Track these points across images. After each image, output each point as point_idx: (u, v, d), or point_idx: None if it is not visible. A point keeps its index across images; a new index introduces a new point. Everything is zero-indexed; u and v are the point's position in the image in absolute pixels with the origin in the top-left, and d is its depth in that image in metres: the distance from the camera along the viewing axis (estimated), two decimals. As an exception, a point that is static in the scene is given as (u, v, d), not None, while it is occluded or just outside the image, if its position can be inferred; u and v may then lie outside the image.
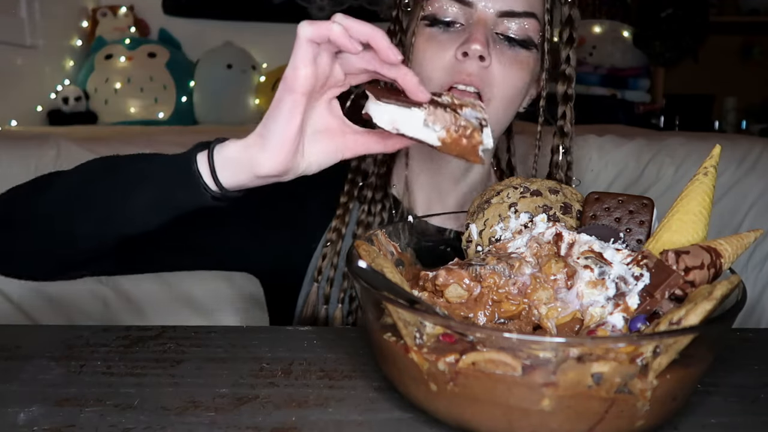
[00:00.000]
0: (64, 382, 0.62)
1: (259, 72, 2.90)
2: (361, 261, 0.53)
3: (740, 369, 0.64)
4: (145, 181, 0.69)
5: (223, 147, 0.66)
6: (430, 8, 0.87)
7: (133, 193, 0.69)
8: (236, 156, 0.65)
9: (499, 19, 0.85)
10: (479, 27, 0.83)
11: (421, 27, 0.87)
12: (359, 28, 0.61)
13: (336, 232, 0.94)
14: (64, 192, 0.73)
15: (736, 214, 1.49)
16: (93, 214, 0.70)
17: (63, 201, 0.73)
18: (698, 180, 0.63)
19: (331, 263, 0.93)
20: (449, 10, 0.85)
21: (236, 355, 0.67)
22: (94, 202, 0.70)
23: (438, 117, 0.62)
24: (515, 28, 0.85)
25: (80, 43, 2.96)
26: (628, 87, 2.93)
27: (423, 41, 0.87)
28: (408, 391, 0.55)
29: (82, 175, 0.74)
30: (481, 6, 0.84)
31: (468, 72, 0.83)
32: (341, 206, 0.95)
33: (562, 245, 0.62)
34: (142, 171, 0.70)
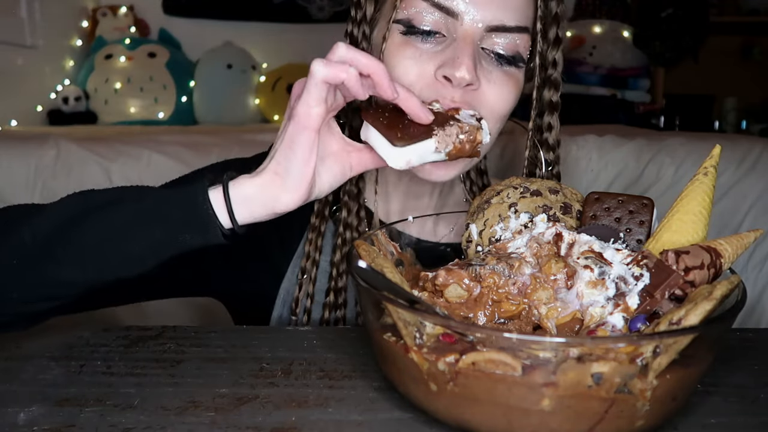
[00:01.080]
0: (64, 382, 0.62)
1: (259, 72, 2.90)
2: (361, 261, 0.53)
3: (740, 369, 0.64)
4: (144, 222, 0.63)
5: (238, 185, 0.63)
6: (405, 11, 0.74)
7: (129, 236, 0.63)
8: (254, 194, 0.63)
9: (487, 33, 0.73)
10: (465, 46, 0.72)
11: (394, 31, 0.75)
12: (365, 63, 0.61)
13: (310, 260, 0.86)
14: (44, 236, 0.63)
15: (736, 214, 1.49)
16: (80, 260, 0.63)
17: (42, 246, 0.63)
18: (698, 180, 0.63)
19: (307, 293, 0.86)
20: (429, 17, 0.73)
21: (236, 355, 0.67)
22: (82, 246, 0.63)
23: (446, 138, 0.64)
24: (505, 44, 0.74)
25: (80, 43, 2.96)
26: (628, 87, 2.92)
27: (396, 47, 0.75)
28: (408, 391, 0.55)
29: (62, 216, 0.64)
30: (468, 19, 0.72)
31: (451, 97, 0.73)
32: (313, 229, 0.87)
33: (562, 245, 0.62)
34: (139, 211, 0.63)
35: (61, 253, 0.63)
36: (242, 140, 1.66)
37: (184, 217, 0.63)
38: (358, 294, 0.82)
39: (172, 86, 2.75)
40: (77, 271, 0.64)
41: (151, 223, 0.63)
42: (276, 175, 0.63)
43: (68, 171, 1.47)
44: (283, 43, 3.02)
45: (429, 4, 0.73)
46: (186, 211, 0.63)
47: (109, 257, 0.64)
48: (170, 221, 0.63)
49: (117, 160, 1.49)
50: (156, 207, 0.63)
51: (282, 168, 0.63)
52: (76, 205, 0.65)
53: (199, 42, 2.94)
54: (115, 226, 0.63)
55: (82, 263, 0.64)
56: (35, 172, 1.46)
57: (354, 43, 0.83)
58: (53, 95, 2.72)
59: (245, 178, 0.64)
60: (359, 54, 0.61)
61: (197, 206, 0.62)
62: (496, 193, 0.72)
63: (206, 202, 0.62)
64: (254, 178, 0.64)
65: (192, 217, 0.63)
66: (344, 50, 0.61)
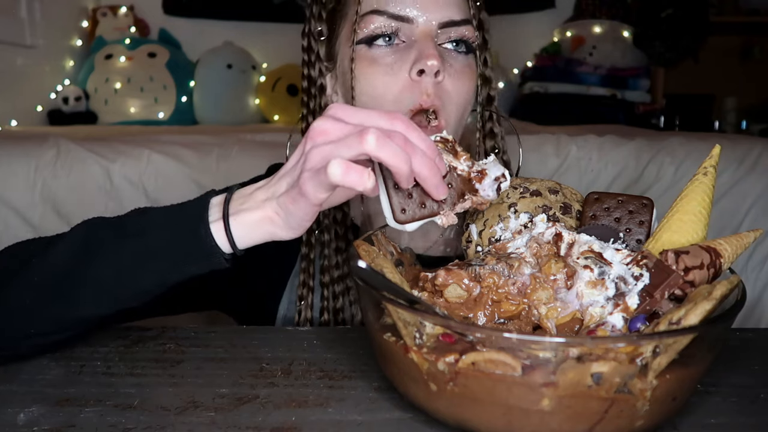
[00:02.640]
0: (64, 382, 0.62)
1: (259, 72, 2.90)
2: (361, 261, 0.53)
3: (740, 369, 0.64)
4: (152, 259, 0.64)
5: (239, 218, 0.63)
6: (365, 30, 0.81)
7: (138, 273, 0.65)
8: (254, 224, 0.63)
9: (440, 30, 0.82)
10: (427, 41, 0.80)
11: (360, 51, 0.82)
12: (420, 165, 0.58)
13: (306, 287, 0.91)
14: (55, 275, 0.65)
15: (736, 214, 1.49)
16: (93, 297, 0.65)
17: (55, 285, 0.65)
18: (698, 180, 0.63)
19: (307, 318, 0.90)
20: (387, 26, 0.81)
21: (236, 355, 0.67)
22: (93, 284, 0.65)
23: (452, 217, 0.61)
24: (456, 36, 0.83)
25: (80, 43, 2.96)
26: (628, 87, 2.92)
27: (366, 66, 0.82)
28: (408, 391, 0.55)
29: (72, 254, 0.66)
30: (422, 21, 0.81)
31: (427, 91, 0.79)
32: (303, 258, 0.91)
33: (561, 245, 0.62)
34: (146, 248, 0.65)
35: (72, 292, 0.65)
36: (242, 140, 1.66)
37: (188, 251, 0.64)
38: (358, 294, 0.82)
39: (172, 86, 2.75)
40: (90, 307, 0.66)
41: (157, 260, 0.64)
42: (276, 216, 0.63)
43: (68, 171, 1.47)
44: (283, 43, 3.01)
45: (386, 17, 0.81)
46: (190, 245, 0.64)
47: (117, 293, 0.65)
48: (176, 257, 0.64)
49: (117, 160, 1.49)
50: (161, 243, 0.64)
51: (281, 216, 0.62)
52: (82, 242, 0.67)
53: (199, 42, 2.94)
54: (122, 265, 0.64)
55: (94, 300, 0.65)
56: (35, 172, 1.46)
57: (312, 82, 0.89)
58: (53, 95, 2.72)
59: (245, 212, 0.63)
60: (423, 159, 0.57)
61: (200, 240, 0.63)
62: (496, 193, 0.72)
63: (209, 236, 0.63)
64: (254, 212, 0.63)
65: (196, 250, 0.64)
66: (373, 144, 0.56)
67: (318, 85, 0.89)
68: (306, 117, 0.91)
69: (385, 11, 0.81)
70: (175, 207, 0.67)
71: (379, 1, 0.81)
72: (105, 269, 0.65)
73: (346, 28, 0.85)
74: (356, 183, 0.55)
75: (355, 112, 0.59)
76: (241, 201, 0.64)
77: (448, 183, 0.61)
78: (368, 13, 0.81)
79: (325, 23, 0.88)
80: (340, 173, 0.55)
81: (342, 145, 0.57)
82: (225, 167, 1.51)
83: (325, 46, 0.89)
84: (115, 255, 0.65)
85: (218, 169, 1.51)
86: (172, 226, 0.65)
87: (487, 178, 0.63)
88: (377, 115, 0.59)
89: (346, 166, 0.55)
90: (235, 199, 0.65)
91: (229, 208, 0.64)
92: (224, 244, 0.63)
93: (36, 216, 1.45)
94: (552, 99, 2.85)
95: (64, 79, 2.80)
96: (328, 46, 0.89)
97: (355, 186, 0.56)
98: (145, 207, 0.69)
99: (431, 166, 0.58)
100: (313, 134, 0.59)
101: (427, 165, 0.58)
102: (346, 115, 0.59)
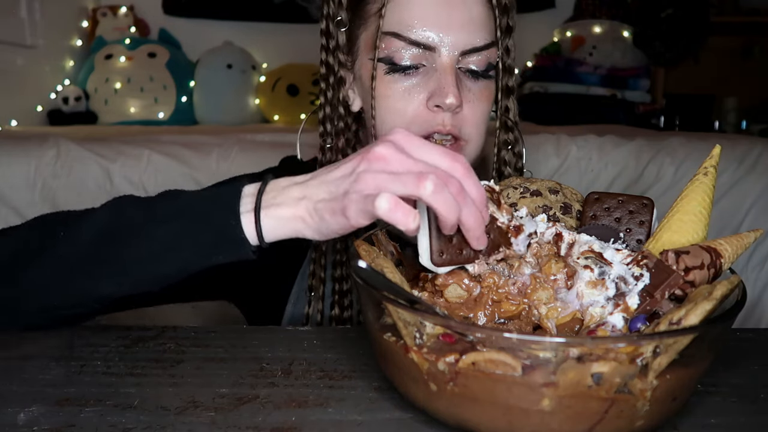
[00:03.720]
0: (64, 382, 0.62)
1: (259, 72, 2.90)
2: (361, 261, 0.53)
3: (740, 369, 0.64)
4: (180, 247, 0.64)
5: (272, 210, 0.63)
6: (385, 51, 0.81)
7: (166, 259, 0.65)
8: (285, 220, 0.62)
9: (462, 57, 0.81)
10: (448, 75, 0.79)
11: (380, 71, 0.81)
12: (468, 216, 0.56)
13: (315, 278, 0.91)
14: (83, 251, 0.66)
15: (736, 214, 1.49)
16: (117, 276, 0.66)
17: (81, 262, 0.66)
18: (698, 180, 0.63)
19: (317, 309, 0.91)
20: (408, 53, 0.80)
21: (236, 355, 0.67)
22: (119, 264, 0.66)
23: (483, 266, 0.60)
24: (477, 60, 0.82)
25: (80, 43, 2.96)
26: (628, 87, 2.92)
27: (385, 86, 0.82)
28: (408, 391, 0.55)
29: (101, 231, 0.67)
30: (444, 50, 0.79)
31: (443, 123, 0.80)
32: (315, 249, 0.91)
33: (562, 245, 0.62)
34: (175, 235, 0.64)
35: (96, 270, 0.66)
36: (242, 140, 1.66)
37: (216, 241, 0.63)
38: (358, 294, 0.83)
39: (172, 86, 2.75)
40: (111, 287, 0.67)
41: (185, 248, 0.64)
42: (309, 218, 0.62)
43: (68, 171, 1.47)
44: (283, 43, 3.02)
45: (406, 43, 0.80)
46: (219, 236, 0.63)
47: (140, 277, 0.66)
48: (203, 246, 0.64)
49: (117, 160, 1.49)
50: (190, 232, 0.64)
51: (315, 220, 0.61)
52: (111, 221, 0.67)
53: (199, 42, 2.94)
54: (149, 249, 0.65)
55: (116, 280, 0.66)
56: (35, 172, 1.46)
57: (331, 71, 0.88)
58: (53, 95, 2.72)
59: (278, 206, 0.63)
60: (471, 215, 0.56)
61: (230, 231, 0.63)
62: (496, 193, 0.72)
63: (239, 228, 0.63)
64: (287, 208, 0.62)
65: (224, 241, 0.63)
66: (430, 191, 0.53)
67: (338, 77, 0.88)
68: (324, 107, 0.90)
69: (406, 37, 0.79)
70: (208, 193, 0.67)
71: (402, 23, 0.80)
72: (131, 252, 0.65)
73: (367, 35, 0.84)
74: (401, 222, 0.54)
75: (419, 146, 0.58)
76: (275, 194, 0.63)
77: (488, 232, 0.60)
78: (389, 35, 0.80)
79: (345, 12, 0.86)
80: (387, 209, 0.54)
81: (398, 181, 0.55)
82: (225, 167, 1.51)
83: (344, 36, 0.87)
84: (142, 239, 0.65)
85: (218, 169, 1.51)
86: (203, 215, 0.64)
87: (522, 234, 0.63)
88: (439, 153, 0.57)
89: (395, 202, 0.54)
90: (268, 191, 0.64)
91: (262, 201, 0.63)
92: (252, 235, 0.63)
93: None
94: (552, 99, 2.85)
95: (64, 79, 2.81)
96: (348, 39, 0.87)
97: (398, 224, 0.55)
98: (177, 190, 0.68)
99: (478, 218, 0.57)
100: (371, 157, 0.57)
101: (475, 216, 0.56)
102: (409, 147, 0.58)
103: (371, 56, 0.82)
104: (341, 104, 0.89)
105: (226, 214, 0.63)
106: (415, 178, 0.54)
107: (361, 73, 0.86)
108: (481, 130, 0.85)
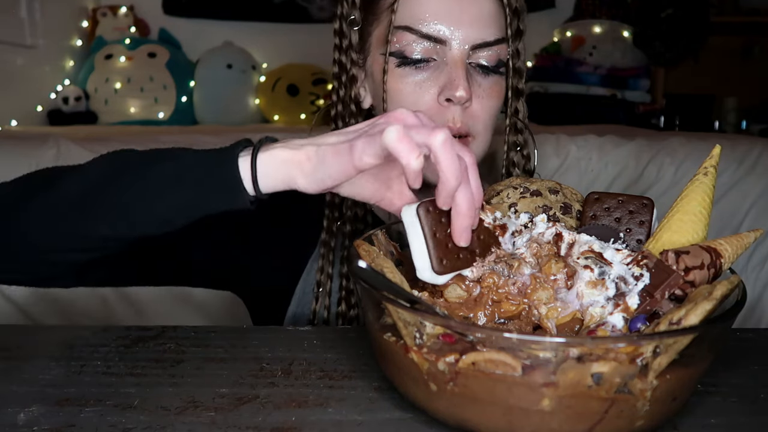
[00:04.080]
0: (64, 382, 0.62)
1: (259, 72, 2.91)
2: (361, 261, 0.53)
3: (740, 369, 0.64)
4: (177, 184, 0.64)
5: (266, 154, 0.63)
6: (397, 45, 0.82)
7: (162, 196, 0.65)
8: (280, 163, 0.62)
9: (473, 51, 0.82)
10: (458, 69, 0.80)
11: (391, 64, 0.83)
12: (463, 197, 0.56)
13: (324, 273, 0.91)
14: (80, 191, 0.67)
15: (736, 214, 1.49)
16: (113, 216, 0.66)
17: (78, 201, 0.67)
18: (698, 180, 0.63)
19: (324, 305, 0.91)
20: (419, 47, 0.81)
21: (236, 355, 0.67)
22: (115, 203, 0.66)
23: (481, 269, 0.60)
24: (488, 56, 0.83)
25: (80, 43, 2.96)
26: (628, 87, 2.92)
27: (396, 81, 0.83)
28: (408, 391, 0.55)
29: (100, 173, 0.68)
30: (455, 44, 0.80)
31: (453, 120, 0.81)
32: (323, 245, 0.91)
33: (562, 245, 0.62)
34: (172, 172, 0.65)
35: (90, 211, 0.66)
36: (242, 140, 1.66)
37: (211, 181, 0.64)
38: (359, 294, 0.83)
39: (172, 86, 2.75)
40: (106, 228, 0.66)
41: (181, 185, 0.64)
42: (307, 160, 0.61)
43: (68, 171, 1.47)
44: (283, 43, 3.02)
45: (418, 36, 0.81)
46: (214, 175, 0.63)
47: (138, 216, 0.66)
48: (199, 185, 0.64)
49: (117, 160, 1.49)
50: (186, 170, 0.64)
51: (313, 162, 0.61)
52: (110, 165, 0.68)
53: (199, 42, 2.95)
54: (146, 187, 0.65)
55: (112, 220, 0.66)
56: (35, 172, 1.46)
57: (343, 69, 0.89)
58: (53, 95, 2.73)
59: (278, 146, 0.63)
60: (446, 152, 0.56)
61: (224, 170, 0.63)
62: (496, 193, 0.72)
63: (234, 169, 0.63)
64: (285, 151, 0.62)
65: (218, 181, 0.63)
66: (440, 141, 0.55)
67: (350, 75, 0.89)
68: (335, 105, 0.91)
69: (418, 30, 0.80)
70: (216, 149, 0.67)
71: (413, 17, 0.81)
72: (128, 191, 0.65)
73: (379, 31, 0.85)
74: (404, 155, 0.54)
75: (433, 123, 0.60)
76: (280, 143, 0.64)
77: (479, 235, 0.61)
78: (401, 29, 0.81)
79: (358, 11, 0.88)
80: (395, 137, 0.54)
81: (412, 129, 0.56)
82: (225, 167, 1.51)
83: (357, 36, 0.89)
84: (138, 177, 0.65)
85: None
86: (200, 156, 0.65)
87: (507, 232, 0.64)
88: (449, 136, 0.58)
89: (404, 134, 0.54)
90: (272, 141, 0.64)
91: (261, 147, 0.63)
92: (248, 179, 0.63)
93: (36, 216, 1.45)
94: (552, 99, 2.85)
95: (64, 79, 2.81)
96: (360, 38, 0.89)
97: (401, 156, 0.55)
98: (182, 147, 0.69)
99: (471, 205, 0.57)
100: (391, 117, 0.59)
101: (468, 201, 0.57)
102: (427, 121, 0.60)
103: (383, 51, 0.83)
104: (353, 102, 0.90)
105: (222, 156, 0.63)
106: (429, 129, 0.56)
107: (373, 69, 0.87)
108: (488, 127, 0.86)
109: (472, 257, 0.60)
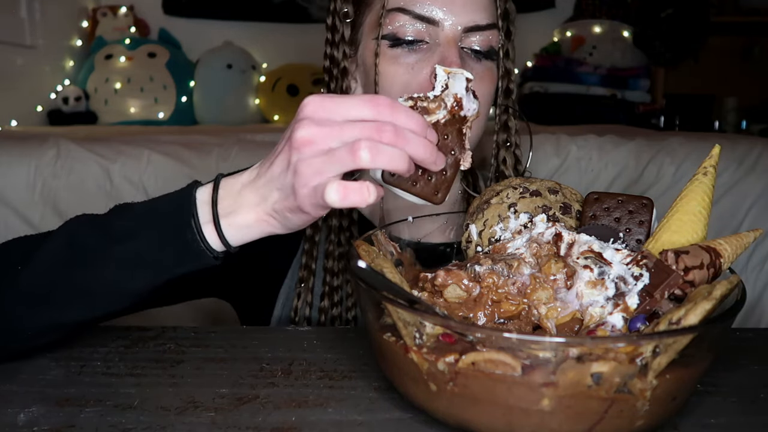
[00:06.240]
0: (64, 382, 0.62)
1: (259, 72, 2.90)
2: (361, 261, 0.53)
3: (740, 369, 0.64)
4: (137, 266, 0.62)
5: (231, 219, 0.61)
6: (389, 27, 0.81)
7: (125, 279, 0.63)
8: (249, 226, 0.62)
9: (464, 34, 0.81)
10: (451, 47, 0.80)
11: (383, 47, 0.82)
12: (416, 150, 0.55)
13: (306, 269, 0.90)
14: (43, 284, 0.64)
15: (736, 214, 1.49)
16: (80, 303, 0.64)
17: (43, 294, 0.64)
18: (698, 180, 0.63)
19: (306, 302, 0.90)
20: (412, 28, 0.80)
21: (236, 355, 0.67)
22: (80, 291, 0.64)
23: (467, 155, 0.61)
24: (480, 40, 0.82)
25: (80, 43, 2.96)
26: (628, 87, 2.92)
27: (388, 63, 0.82)
28: (408, 391, 0.55)
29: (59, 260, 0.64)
30: (447, 24, 0.80)
31: None
32: (308, 239, 0.91)
33: (561, 245, 0.62)
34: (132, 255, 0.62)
35: (59, 300, 0.64)
36: (242, 140, 1.66)
37: (176, 255, 0.62)
38: (358, 294, 0.82)
39: (172, 86, 2.75)
40: (79, 313, 0.65)
41: (145, 265, 0.62)
42: (272, 219, 0.61)
43: (68, 171, 1.47)
44: (283, 43, 3.02)
45: (411, 17, 0.80)
46: (179, 249, 0.62)
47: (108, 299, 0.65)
48: (164, 261, 0.62)
49: (117, 160, 1.49)
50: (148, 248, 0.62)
51: (278, 219, 0.61)
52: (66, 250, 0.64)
53: (199, 42, 2.95)
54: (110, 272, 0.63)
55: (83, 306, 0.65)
56: (35, 172, 1.46)
57: (335, 63, 0.89)
58: (53, 95, 2.72)
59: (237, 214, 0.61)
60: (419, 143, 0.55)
61: (188, 244, 0.61)
62: (496, 193, 0.72)
63: (197, 240, 0.61)
64: (247, 214, 0.61)
65: (185, 254, 0.62)
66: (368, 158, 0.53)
67: (341, 68, 0.89)
68: None
69: (411, 11, 0.80)
70: (161, 203, 0.64)
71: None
72: (92, 277, 0.63)
73: (371, 18, 0.85)
74: (358, 202, 0.54)
75: (335, 106, 0.55)
76: (230, 201, 0.61)
77: (444, 135, 0.60)
78: (394, 11, 0.81)
79: (351, 5, 0.88)
80: (338, 199, 0.53)
81: (334, 162, 0.54)
82: (225, 167, 1.51)
83: (349, 29, 0.89)
84: (102, 262, 0.63)
85: (218, 169, 1.51)
86: (159, 228, 0.62)
87: (464, 99, 0.61)
88: (360, 104, 0.55)
89: (344, 189, 0.53)
90: (223, 197, 0.62)
91: (219, 210, 0.61)
92: (217, 244, 0.62)
93: (36, 216, 1.45)
94: (552, 99, 2.85)
95: (64, 79, 2.81)
96: (352, 30, 0.89)
97: (358, 205, 0.54)
98: (127, 204, 0.66)
99: (425, 145, 0.56)
100: (297, 144, 0.55)
101: (422, 146, 0.56)
102: (327, 113, 0.55)
103: (375, 35, 0.83)
104: (343, 94, 0.90)
105: (183, 227, 0.61)
106: (349, 151, 0.53)
107: (365, 56, 0.86)
108: (482, 113, 0.84)
109: (455, 157, 0.61)
